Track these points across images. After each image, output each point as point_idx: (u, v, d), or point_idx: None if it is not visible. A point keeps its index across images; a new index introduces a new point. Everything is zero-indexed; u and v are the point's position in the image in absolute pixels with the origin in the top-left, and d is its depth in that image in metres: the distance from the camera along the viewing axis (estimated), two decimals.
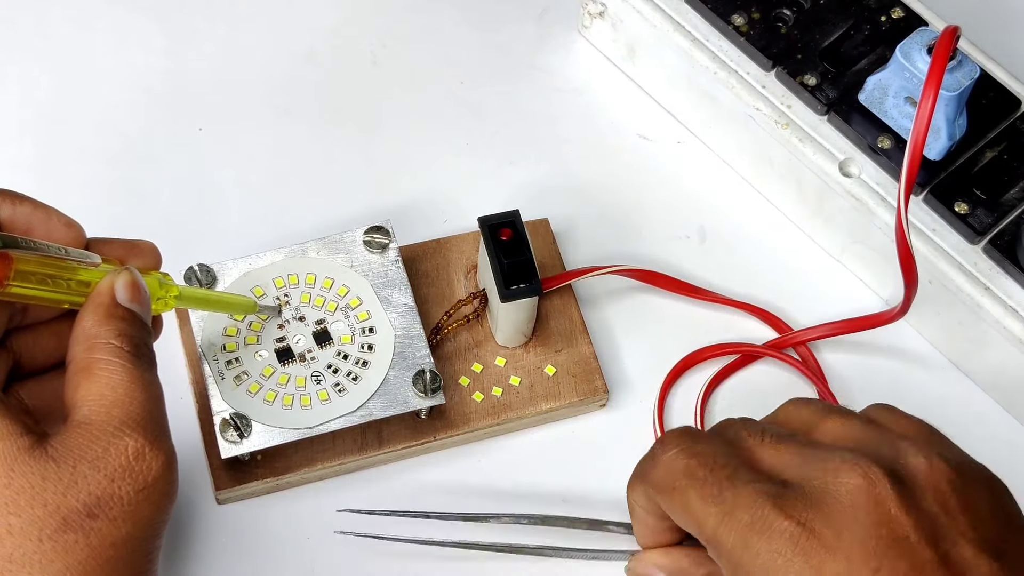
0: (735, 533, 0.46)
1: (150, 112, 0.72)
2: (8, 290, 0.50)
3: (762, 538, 0.45)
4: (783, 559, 0.45)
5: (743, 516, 0.46)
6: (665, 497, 0.49)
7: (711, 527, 0.47)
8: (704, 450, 0.49)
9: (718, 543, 0.47)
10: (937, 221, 0.64)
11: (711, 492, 0.47)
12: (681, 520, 0.49)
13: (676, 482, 0.48)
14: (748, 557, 0.46)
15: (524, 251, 0.62)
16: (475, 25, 0.76)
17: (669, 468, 0.49)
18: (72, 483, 0.48)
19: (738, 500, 0.47)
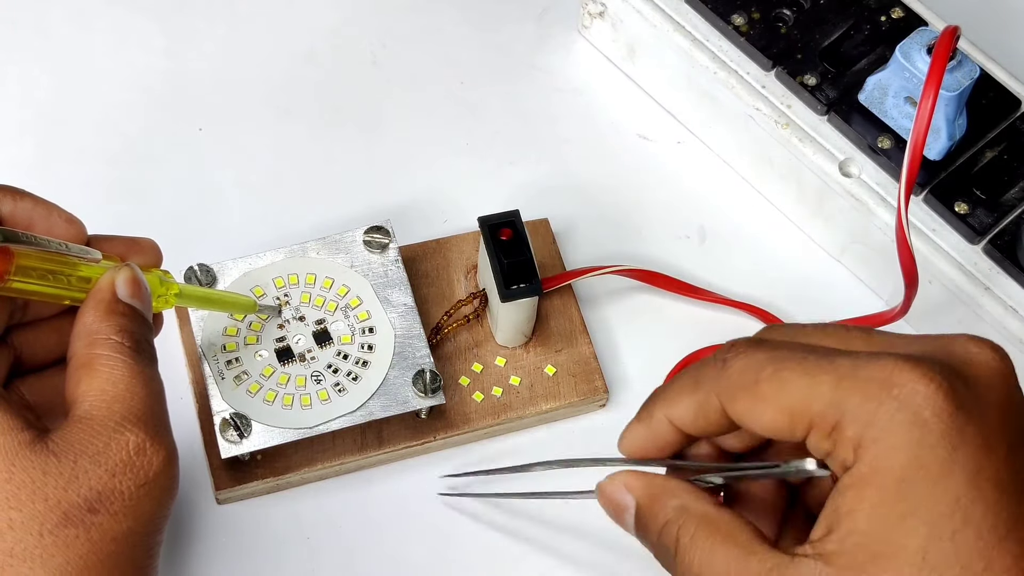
0: (862, 393, 0.43)
1: (150, 112, 0.72)
2: (9, 285, 0.50)
3: (902, 392, 0.43)
4: (929, 412, 0.42)
5: (872, 376, 0.43)
6: (745, 393, 0.46)
7: (825, 395, 0.44)
8: (784, 343, 0.46)
9: (838, 407, 0.43)
10: (937, 221, 0.65)
11: (817, 365, 0.44)
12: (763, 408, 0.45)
13: (761, 374, 0.45)
14: (884, 413, 0.43)
15: (524, 251, 0.62)
16: (475, 25, 0.76)
17: (748, 365, 0.46)
18: (73, 478, 0.47)
19: (860, 364, 0.44)
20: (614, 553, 0.63)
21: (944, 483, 0.42)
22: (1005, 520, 0.42)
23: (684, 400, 0.48)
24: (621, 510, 0.49)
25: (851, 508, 0.43)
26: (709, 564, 0.45)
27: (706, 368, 0.47)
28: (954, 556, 0.42)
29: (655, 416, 0.49)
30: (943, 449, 0.42)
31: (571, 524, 0.63)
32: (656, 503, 0.48)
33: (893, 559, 0.42)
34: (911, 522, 0.42)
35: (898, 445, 0.43)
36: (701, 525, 0.46)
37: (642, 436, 0.50)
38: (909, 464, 0.42)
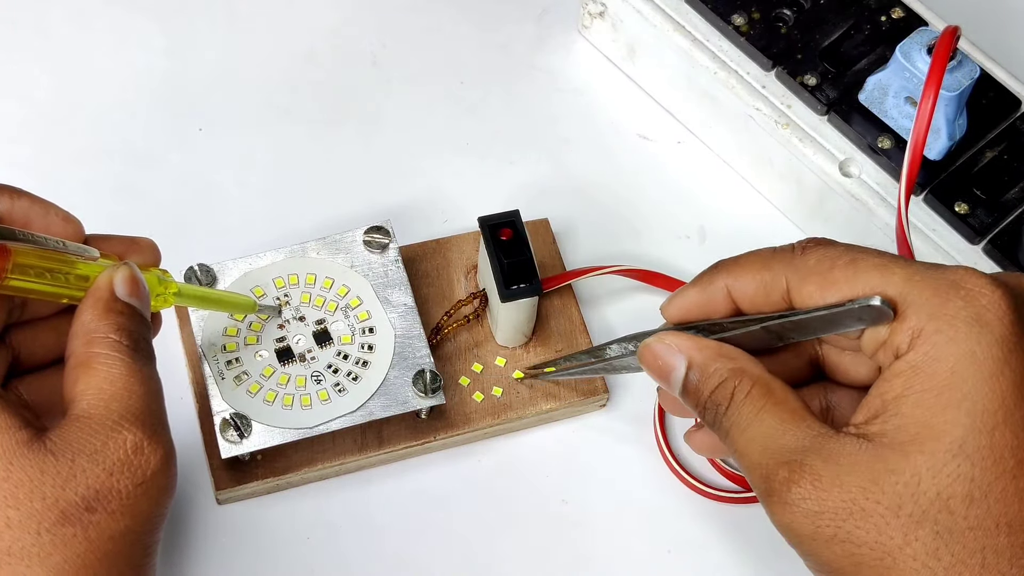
0: (932, 289, 0.46)
1: (150, 112, 0.72)
2: (7, 283, 0.50)
3: (970, 294, 0.46)
4: (992, 314, 0.45)
5: (944, 276, 0.46)
6: (818, 277, 0.48)
7: (896, 284, 0.47)
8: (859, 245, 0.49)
9: (905, 298, 0.46)
10: (937, 221, 0.64)
11: (893, 260, 0.47)
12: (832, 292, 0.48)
13: (837, 262, 0.48)
14: (950, 309, 0.46)
15: (524, 251, 0.62)
16: (475, 25, 0.76)
17: (826, 254, 0.49)
18: (71, 476, 0.47)
19: (933, 266, 0.47)
20: (617, 555, 0.63)
21: (993, 381, 0.45)
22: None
23: (751, 275, 0.51)
24: (668, 370, 0.51)
25: (899, 394, 0.46)
26: (758, 421, 0.48)
27: (781, 253, 0.50)
28: (989, 449, 0.44)
29: (715, 284, 0.52)
30: (999, 350, 0.45)
31: (570, 526, 0.63)
32: (712, 362, 0.50)
33: (932, 442, 0.45)
34: (954, 412, 0.45)
35: (957, 339, 0.45)
36: (757, 385, 0.49)
37: (695, 300, 0.53)
38: (964, 358, 0.45)
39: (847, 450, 0.46)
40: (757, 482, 0.48)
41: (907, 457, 0.45)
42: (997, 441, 0.44)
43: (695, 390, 0.50)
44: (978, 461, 0.44)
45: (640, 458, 0.65)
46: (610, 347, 0.59)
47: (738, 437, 0.48)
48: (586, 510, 0.63)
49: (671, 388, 0.51)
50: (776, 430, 0.47)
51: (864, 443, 0.46)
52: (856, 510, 0.45)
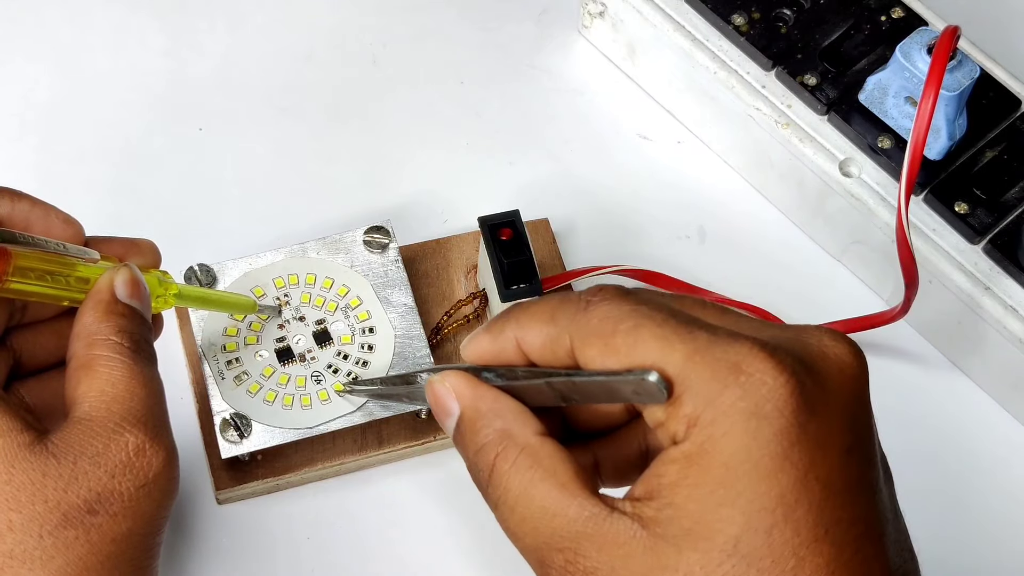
0: (711, 371, 0.42)
1: (150, 112, 0.72)
2: (7, 286, 0.50)
3: (750, 381, 0.42)
4: (771, 405, 0.42)
5: (726, 356, 0.42)
6: (599, 341, 0.44)
7: (676, 364, 0.43)
8: (651, 300, 0.45)
9: (684, 380, 0.43)
10: (937, 221, 0.64)
11: (676, 331, 0.43)
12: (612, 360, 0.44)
13: (620, 325, 0.44)
14: (727, 398, 0.42)
15: (524, 251, 0.62)
16: (475, 25, 0.76)
17: (609, 313, 0.44)
18: (73, 479, 0.47)
19: (717, 341, 0.43)
20: None
21: (771, 479, 0.42)
22: (825, 521, 0.42)
23: (537, 328, 0.46)
24: (444, 415, 0.48)
25: (673, 481, 0.43)
26: (527, 498, 0.44)
27: (566, 305, 0.46)
28: (767, 550, 0.42)
29: (505, 334, 0.47)
30: (778, 445, 0.42)
31: None
32: (480, 419, 0.46)
33: (705, 540, 0.42)
34: (729, 510, 0.42)
35: (732, 433, 0.42)
36: (523, 455, 0.45)
37: (486, 348, 0.48)
38: (738, 454, 0.42)
39: (621, 538, 0.43)
40: (533, 565, 0.45)
41: (680, 553, 0.42)
42: (776, 541, 0.41)
43: (462, 444, 0.47)
44: (754, 562, 0.41)
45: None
46: (421, 375, 0.55)
47: (507, 516, 0.45)
48: None
49: (447, 433, 0.48)
50: (546, 511, 0.44)
51: (639, 529, 0.43)
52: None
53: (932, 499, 0.65)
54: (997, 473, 0.66)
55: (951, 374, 0.68)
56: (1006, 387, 0.66)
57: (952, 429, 0.67)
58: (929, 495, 0.65)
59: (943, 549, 0.62)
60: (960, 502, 0.65)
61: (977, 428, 0.67)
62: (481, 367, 0.48)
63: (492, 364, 0.48)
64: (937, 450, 0.66)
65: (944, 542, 0.64)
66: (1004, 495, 0.65)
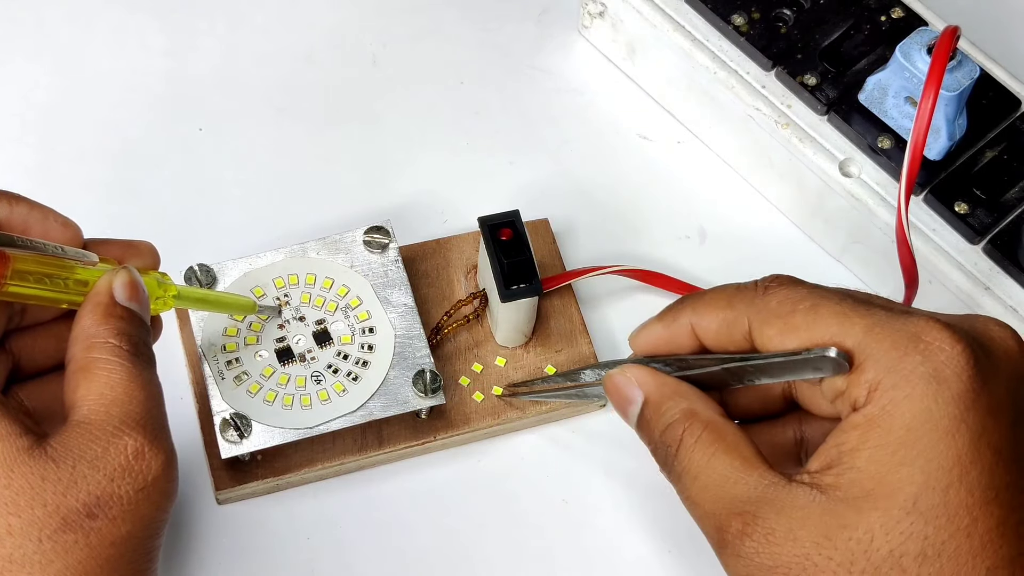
0: (890, 341, 0.45)
1: (150, 112, 0.72)
2: (6, 289, 0.50)
3: (929, 348, 0.45)
4: (950, 371, 0.44)
5: (905, 327, 0.46)
6: (778, 321, 0.48)
7: (855, 335, 0.46)
8: (825, 287, 0.49)
9: (864, 350, 0.46)
10: (937, 221, 0.65)
11: (854, 308, 0.47)
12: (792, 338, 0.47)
13: (799, 305, 0.47)
14: (907, 364, 0.45)
15: (524, 251, 0.62)
16: (475, 25, 0.76)
17: (788, 296, 0.48)
18: (72, 483, 0.48)
19: (895, 316, 0.46)
20: (617, 555, 0.63)
21: (949, 439, 0.44)
22: (996, 484, 0.44)
23: (714, 314, 0.50)
24: (627, 403, 0.51)
25: (854, 447, 0.45)
26: (710, 468, 0.47)
27: (743, 291, 0.49)
28: (943, 507, 0.44)
29: (680, 320, 0.51)
30: (956, 407, 0.44)
31: (570, 526, 0.63)
32: (665, 401, 0.49)
33: (885, 499, 0.44)
34: (909, 469, 0.44)
35: (914, 395, 0.44)
36: (708, 430, 0.48)
37: (659, 336, 0.52)
38: (920, 415, 0.44)
39: (800, 502, 0.45)
40: (710, 532, 0.47)
41: (860, 513, 0.44)
42: (952, 499, 0.44)
43: (648, 427, 0.50)
44: (932, 519, 0.44)
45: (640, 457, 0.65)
46: (584, 372, 0.59)
47: (689, 484, 0.48)
48: (586, 510, 0.63)
49: (628, 421, 0.51)
50: (727, 479, 0.47)
51: (817, 495, 0.45)
52: (809, 565, 0.45)
53: None
54: None
55: None
56: None
57: None
58: None
59: None
60: None
61: None
62: (649, 358, 0.51)
63: (661, 354, 0.51)
64: None
65: None
66: None
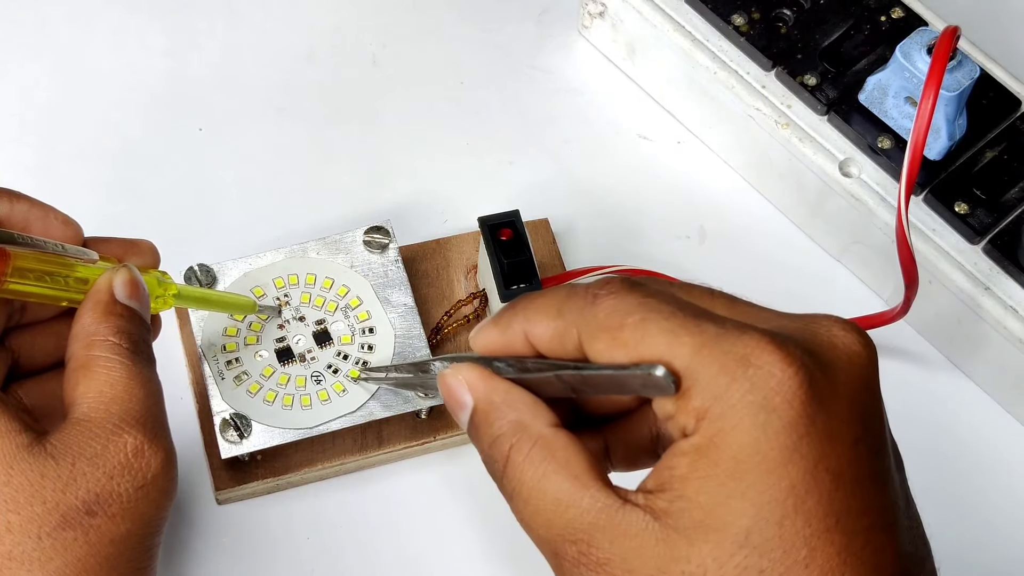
0: (718, 365, 0.42)
1: (150, 112, 0.72)
2: (6, 287, 0.50)
3: (758, 374, 0.42)
4: (780, 398, 0.42)
5: (734, 349, 0.42)
6: (606, 335, 0.44)
7: (683, 356, 0.42)
8: (658, 292, 0.45)
9: (692, 373, 0.42)
10: (937, 221, 0.64)
11: (683, 325, 0.43)
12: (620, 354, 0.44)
13: (627, 319, 0.44)
14: (735, 391, 0.42)
15: (524, 251, 0.62)
16: (475, 25, 0.76)
17: (616, 307, 0.44)
18: (71, 480, 0.47)
19: (725, 334, 0.43)
20: None
21: (780, 471, 0.42)
22: (836, 511, 0.42)
23: (545, 322, 0.46)
24: (458, 407, 0.48)
25: (683, 474, 0.43)
26: (540, 490, 0.44)
27: (574, 298, 0.46)
28: (778, 540, 0.42)
29: (512, 327, 0.47)
30: (787, 437, 0.42)
31: None
32: (493, 411, 0.46)
33: (716, 532, 0.42)
34: (739, 503, 0.42)
35: (741, 427, 0.42)
36: (537, 446, 0.45)
37: (495, 341, 0.48)
38: (748, 447, 0.42)
39: (634, 529, 0.43)
40: (547, 556, 0.45)
41: (692, 545, 0.42)
42: (787, 531, 0.42)
43: (477, 436, 0.47)
44: (766, 552, 0.42)
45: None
46: (434, 363, 0.55)
47: (522, 507, 0.45)
48: None
49: (461, 426, 0.48)
50: (559, 503, 0.44)
51: (651, 521, 0.43)
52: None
53: (932, 499, 0.64)
54: (997, 473, 0.66)
55: (951, 374, 0.68)
56: (1006, 387, 0.66)
57: (952, 429, 0.67)
58: (929, 495, 0.64)
59: (943, 549, 0.62)
60: (960, 502, 0.65)
61: (977, 428, 0.67)
62: (492, 357, 0.48)
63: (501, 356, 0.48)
64: (937, 450, 0.66)
65: (944, 542, 0.63)
66: (1004, 495, 0.65)
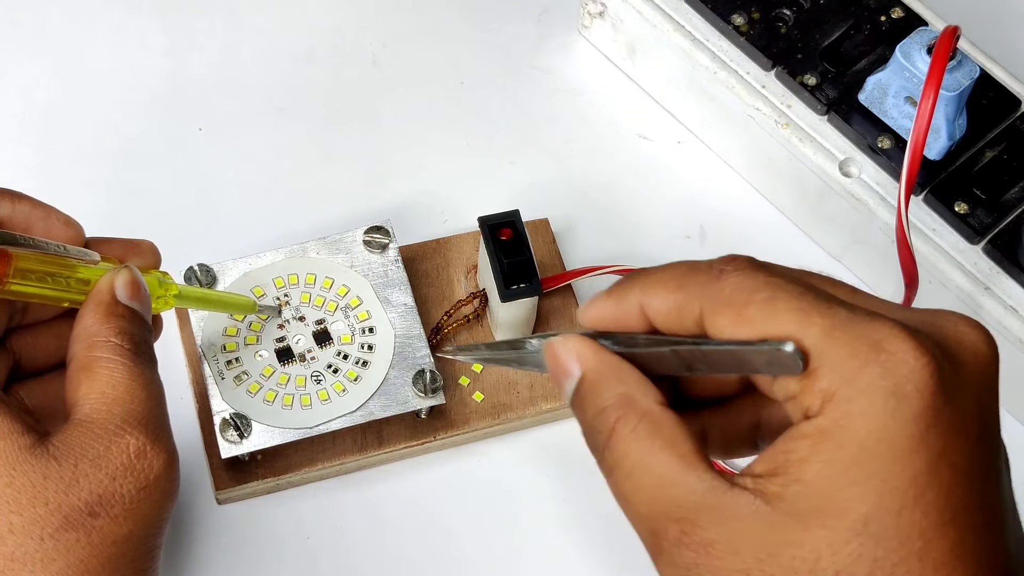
0: (849, 348, 0.41)
1: (150, 112, 0.72)
2: (8, 287, 0.50)
3: (891, 360, 0.41)
4: (912, 386, 0.41)
5: (866, 334, 0.42)
6: (732, 311, 0.43)
7: (813, 338, 0.42)
8: (785, 272, 0.44)
9: (821, 354, 0.42)
10: (937, 221, 0.65)
11: (814, 306, 0.42)
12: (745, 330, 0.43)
13: (755, 296, 0.43)
14: (866, 376, 0.41)
15: (524, 251, 0.62)
16: (475, 25, 0.76)
17: (743, 284, 0.43)
18: (73, 481, 0.47)
19: (857, 319, 0.42)
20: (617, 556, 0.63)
21: (906, 460, 0.41)
22: (953, 506, 0.42)
23: (665, 295, 0.45)
24: (564, 375, 0.47)
25: (803, 457, 0.42)
26: (644, 466, 0.43)
27: (697, 273, 0.45)
28: (895, 530, 0.41)
29: (629, 299, 0.46)
30: (915, 427, 0.41)
31: (570, 525, 0.63)
32: (602, 382, 0.45)
33: (834, 518, 0.41)
34: (861, 489, 0.41)
35: (870, 412, 0.41)
36: (644, 421, 0.44)
37: (608, 312, 0.47)
38: (876, 433, 0.41)
39: (743, 512, 0.42)
40: (644, 536, 0.44)
41: (807, 530, 0.41)
42: (904, 522, 0.41)
43: (581, 407, 0.46)
44: (882, 541, 0.41)
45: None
46: (531, 341, 0.53)
47: (622, 481, 0.44)
48: (586, 510, 0.63)
49: (563, 396, 0.47)
50: (663, 479, 0.43)
51: (761, 504, 0.42)
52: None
53: None
54: None
55: None
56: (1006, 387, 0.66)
57: None
58: None
59: None
60: None
61: None
62: (599, 333, 0.47)
63: (611, 330, 0.47)
64: None
65: None
66: None
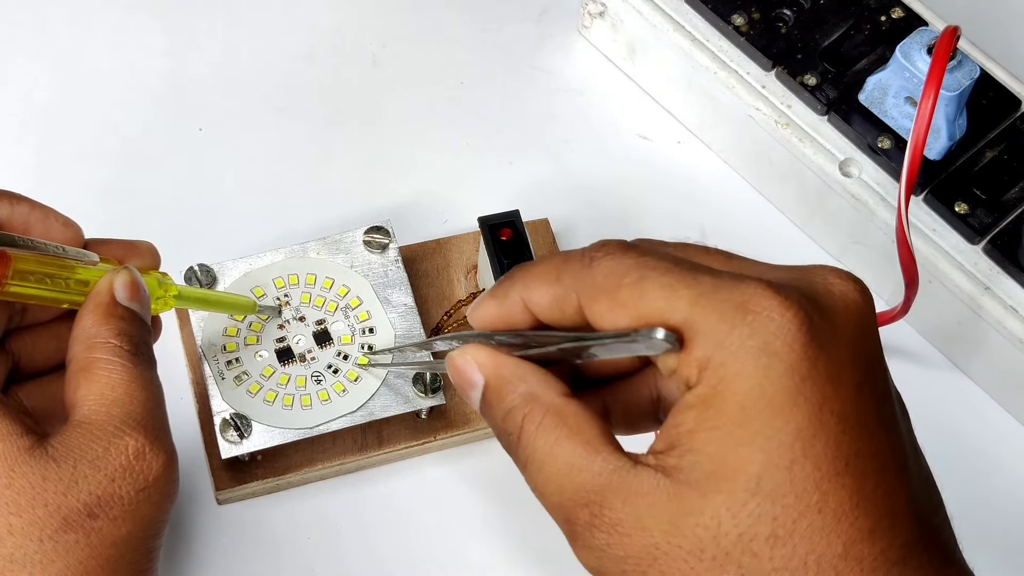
0: (717, 314, 0.42)
1: (150, 112, 0.72)
2: (7, 289, 0.50)
3: (757, 319, 0.42)
4: (781, 341, 0.41)
5: (732, 297, 0.42)
6: (605, 296, 0.44)
7: (681, 310, 0.42)
8: (654, 251, 0.45)
9: (692, 325, 0.43)
10: (937, 221, 0.65)
11: (680, 278, 0.43)
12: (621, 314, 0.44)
13: (624, 279, 0.44)
14: (735, 338, 0.42)
15: (524, 251, 0.62)
16: (475, 25, 0.76)
17: (613, 268, 0.44)
18: (73, 483, 0.47)
19: (722, 284, 0.43)
20: None
21: (786, 414, 0.41)
22: (845, 454, 0.42)
23: (543, 288, 0.46)
24: (468, 387, 0.48)
25: (691, 428, 0.43)
26: (552, 456, 0.45)
27: (571, 262, 0.46)
28: (789, 485, 0.41)
29: (510, 296, 0.47)
30: (790, 380, 0.41)
31: None
32: (504, 385, 0.46)
33: (728, 481, 0.42)
34: (748, 449, 0.42)
35: (743, 372, 0.42)
36: (548, 415, 0.45)
37: (494, 313, 0.48)
38: (752, 392, 0.42)
39: (645, 488, 0.43)
40: (560, 523, 0.46)
41: (705, 497, 0.42)
42: (797, 476, 0.41)
43: (489, 412, 0.47)
44: (779, 498, 0.41)
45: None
46: (437, 342, 0.55)
47: (535, 474, 0.45)
48: None
49: (472, 405, 0.48)
50: (571, 467, 0.44)
51: (662, 479, 0.43)
52: (660, 555, 0.43)
53: None
54: (997, 473, 0.66)
55: (951, 374, 0.68)
56: (1006, 387, 0.66)
57: (952, 429, 0.67)
58: None
59: None
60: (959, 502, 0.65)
61: (977, 428, 0.67)
62: (491, 333, 0.48)
63: (500, 329, 0.48)
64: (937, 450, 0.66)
65: None
66: (1004, 495, 0.65)
